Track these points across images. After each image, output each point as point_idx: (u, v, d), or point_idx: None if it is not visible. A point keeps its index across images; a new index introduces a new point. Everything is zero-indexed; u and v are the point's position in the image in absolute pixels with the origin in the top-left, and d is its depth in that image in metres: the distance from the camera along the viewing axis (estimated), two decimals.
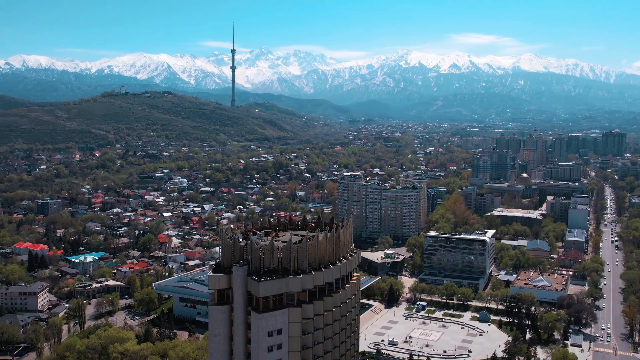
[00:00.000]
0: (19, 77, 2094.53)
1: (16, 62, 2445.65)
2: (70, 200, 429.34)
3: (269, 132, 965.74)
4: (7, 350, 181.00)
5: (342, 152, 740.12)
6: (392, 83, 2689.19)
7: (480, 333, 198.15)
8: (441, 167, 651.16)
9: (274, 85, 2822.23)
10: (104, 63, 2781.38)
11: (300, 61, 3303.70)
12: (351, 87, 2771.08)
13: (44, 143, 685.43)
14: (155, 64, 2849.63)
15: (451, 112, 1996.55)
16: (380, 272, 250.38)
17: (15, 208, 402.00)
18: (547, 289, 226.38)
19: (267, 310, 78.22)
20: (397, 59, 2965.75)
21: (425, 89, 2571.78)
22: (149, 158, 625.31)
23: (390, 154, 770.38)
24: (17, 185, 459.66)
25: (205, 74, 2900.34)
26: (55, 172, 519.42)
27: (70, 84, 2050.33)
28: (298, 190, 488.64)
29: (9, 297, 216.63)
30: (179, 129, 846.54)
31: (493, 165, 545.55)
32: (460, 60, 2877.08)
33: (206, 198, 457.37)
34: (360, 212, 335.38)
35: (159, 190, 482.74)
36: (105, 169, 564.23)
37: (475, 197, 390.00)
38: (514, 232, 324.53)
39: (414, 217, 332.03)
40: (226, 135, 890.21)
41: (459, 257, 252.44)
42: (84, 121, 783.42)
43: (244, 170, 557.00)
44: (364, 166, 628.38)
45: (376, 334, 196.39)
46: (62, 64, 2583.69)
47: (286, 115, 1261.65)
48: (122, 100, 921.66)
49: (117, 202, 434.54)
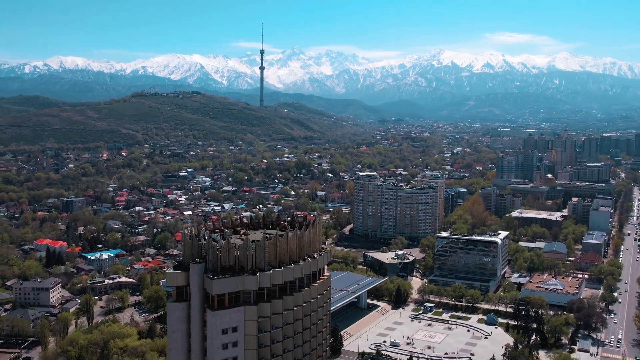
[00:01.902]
0: (56, 78, 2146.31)
1: (54, 64, 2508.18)
2: (95, 199, 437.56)
3: (295, 132, 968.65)
4: (16, 344, 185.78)
5: (367, 152, 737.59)
6: (424, 83, 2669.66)
7: (486, 336, 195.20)
8: (467, 167, 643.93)
9: (306, 85, 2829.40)
10: (139, 64, 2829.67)
11: (332, 61, 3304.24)
12: (383, 87, 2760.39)
13: (74, 142, 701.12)
14: (189, 64, 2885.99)
15: (483, 112, 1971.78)
16: (390, 272, 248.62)
17: (41, 206, 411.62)
18: (558, 292, 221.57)
19: (222, 307, 78.57)
20: (429, 59, 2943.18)
21: (458, 88, 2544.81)
22: (175, 157, 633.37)
23: (417, 154, 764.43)
24: (45, 184, 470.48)
25: (238, 74, 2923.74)
26: (82, 171, 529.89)
27: (105, 85, 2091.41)
28: (319, 190, 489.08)
29: (23, 292, 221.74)
30: (206, 129, 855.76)
31: (518, 166, 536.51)
32: (494, 60, 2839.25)
33: (227, 197, 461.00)
34: (375, 212, 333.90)
35: (182, 190, 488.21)
36: (131, 168, 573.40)
37: (496, 198, 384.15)
38: (532, 234, 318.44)
39: (429, 218, 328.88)
40: (253, 135, 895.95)
41: (470, 259, 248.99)
42: (114, 121, 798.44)
43: (266, 169, 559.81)
44: (388, 166, 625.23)
45: (379, 334, 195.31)
46: (98, 65, 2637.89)
47: (315, 115, 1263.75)
48: (151, 100, 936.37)
49: (140, 201, 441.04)
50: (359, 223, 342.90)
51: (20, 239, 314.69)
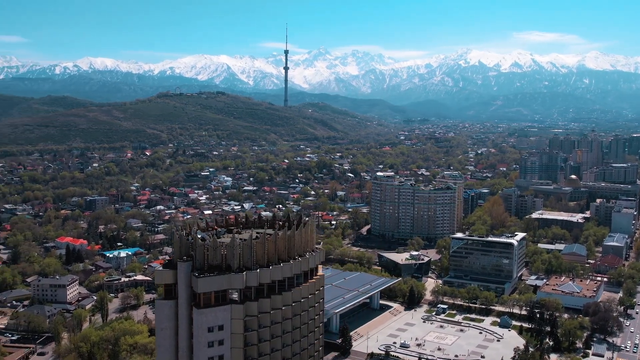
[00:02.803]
0: (86, 78, 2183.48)
1: (83, 64, 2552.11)
2: (118, 198, 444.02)
3: (319, 132, 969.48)
4: (32, 339, 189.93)
5: (389, 152, 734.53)
6: (450, 82, 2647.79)
7: (498, 338, 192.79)
8: (491, 168, 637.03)
9: (331, 85, 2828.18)
10: (166, 65, 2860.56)
11: (358, 61, 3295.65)
12: (409, 86, 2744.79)
13: (100, 142, 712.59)
14: (215, 65, 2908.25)
15: (511, 112, 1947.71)
16: (404, 273, 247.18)
17: (65, 204, 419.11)
18: (575, 295, 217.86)
19: (207, 306, 79.10)
20: (456, 58, 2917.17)
21: (485, 88, 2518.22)
22: (198, 157, 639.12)
23: (440, 154, 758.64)
24: (69, 183, 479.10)
25: (264, 74, 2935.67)
26: (106, 171, 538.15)
27: (133, 85, 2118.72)
28: (339, 190, 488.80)
29: (41, 288, 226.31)
30: (230, 129, 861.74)
31: (542, 167, 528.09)
32: (522, 59, 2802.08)
33: (248, 197, 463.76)
34: (393, 212, 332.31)
35: (203, 189, 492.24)
36: (154, 167, 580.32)
37: (516, 199, 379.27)
38: (552, 236, 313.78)
39: (447, 219, 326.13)
40: (277, 135, 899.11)
41: (485, 260, 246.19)
42: (139, 121, 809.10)
43: (287, 169, 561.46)
44: (410, 166, 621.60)
45: (390, 335, 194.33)
46: (127, 66, 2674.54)
47: (339, 115, 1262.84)
48: (176, 100, 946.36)
49: (161, 200, 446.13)
50: (376, 223, 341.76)
51: (42, 236, 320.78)
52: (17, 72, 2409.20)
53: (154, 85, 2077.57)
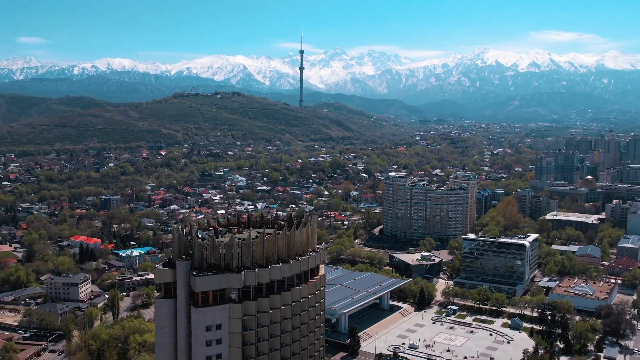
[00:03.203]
0: (104, 79, 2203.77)
1: (102, 65, 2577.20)
2: (133, 197, 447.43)
3: (334, 132, 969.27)
4: (44, 336, 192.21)
5: (404, 153, 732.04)
6: (467, 82, 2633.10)
7: (508, 340, 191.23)
8: (506, 168, 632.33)
9: (347, 85, 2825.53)
10: (183, 65, 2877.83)
11: (374, 61, 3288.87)
12: (425, 86, 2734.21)
13: (116, 142, 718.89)
14: (232, 65, 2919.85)
15: (528, 112, 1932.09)
16: (415, 274, 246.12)
17: (80, 203, 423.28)
18: (587, 297, 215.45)
19: (206, 305, 79.45)
20: (473, 58, 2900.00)
21: (502, 88, 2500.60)
22: (212, 157, 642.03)
23: (455, 154, 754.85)
24: (85, 182, 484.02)
25: (280, 74, 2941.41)
26: (121, 170, 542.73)
27: (151, 86, 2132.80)
28: (352, 190, 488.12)
29: (54, 286, 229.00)
30: (245, 129, 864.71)
31: (558, 167, 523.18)
32: (539, 59, 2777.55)
33: (261, 197, 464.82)
34: (405, 213, 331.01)
35: (217, 189, 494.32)
36: (169, 167, 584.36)
37: (531, 200, 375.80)
38: (566, 237, 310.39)
39: (460, 219, 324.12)
40: (291, 135, 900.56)
41: (497, 261, 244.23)
42: (155, 121, 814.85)
43: (301, 169, 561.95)
44: (424, 167, 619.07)
45: (399, 336, 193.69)
46: (144, 66, 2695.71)
47: (354, 116, 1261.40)
48: (192, 100, 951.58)
49: (175, 200, 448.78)
50: (388, 224, 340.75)
51: (57, 235, 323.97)
52: (37, 73, 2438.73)
53: (171, 86, 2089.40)
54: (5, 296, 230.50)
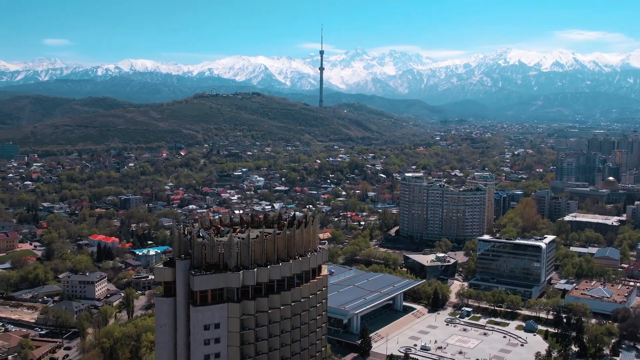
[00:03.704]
0: (126, 80, 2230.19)
1: (125, 66, 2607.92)
2: (152, 197, 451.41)
3: (353, 132, 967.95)
4: (59, 334, 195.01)
5: (423, 153, 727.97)
6: (489, 82, 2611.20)
7: (522, 343, 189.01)
8: (527, 169, 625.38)
9: (368, 85, 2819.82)
10: (205, 66, 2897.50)
11: (395, 61, 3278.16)
12: (447, 86, 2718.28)
13: (137, 142, 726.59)
14: (253, 66, 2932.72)
15: (552, 112, 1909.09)
16: (430, 275, 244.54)
17: (100, 203, 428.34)
18: (604, 300, 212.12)
19: (204, 304, 79.86)
20: (495, 58, 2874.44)
21: (525, 88, 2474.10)
22: (231, 157, 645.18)
23: (475, 155, 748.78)
24: (105, 182, 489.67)
25: (301, 75, 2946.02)
26: (141, 170, 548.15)
27: (172, 86, 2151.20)
28: (370, 190, 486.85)
29: (71, 284, 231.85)
30: (264, 129, 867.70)
31: (580, 168, 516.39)
32: (563, 58, 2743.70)
33: (279, 197, 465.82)
34: (421, 213, 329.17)
35: (236, 189, 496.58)
36: (188, 167, 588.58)
37: (550, 201, 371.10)
38: (585, 239, 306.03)
39: (477, 220, 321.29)
40: (311, 136, 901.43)
41: (512, 263, 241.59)
42: (176, 121, 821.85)
43: (319, 170, 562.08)
44: (443, 167, 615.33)
45: (411, 337, 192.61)
46: (166, 67, 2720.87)
47: (375, 116, 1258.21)
48: (212, 101, 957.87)
49: (194, 199, 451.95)
50: (404, 224, 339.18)
51: (77, 234, 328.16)
52: (61, 74, 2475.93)
53: (193, 87, 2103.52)
54: (23, 293, 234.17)
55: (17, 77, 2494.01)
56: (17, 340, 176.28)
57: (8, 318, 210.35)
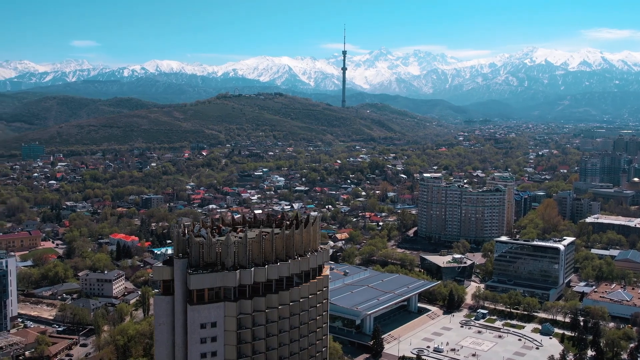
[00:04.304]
0: (152, 80, 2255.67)
1: (150, 67, 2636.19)
2: (174, 196, 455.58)
3: (375, 132, 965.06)
4: (76, 331, 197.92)
5: (445, 154, 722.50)
6: (515, 82, 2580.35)
7: (537, 346, 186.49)
8: (551, 170, 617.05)
9: (392, 85, 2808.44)
10: (230, 67, 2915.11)
11: (419, 61, 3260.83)
12: (471, 86, 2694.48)
13: (160, 142, 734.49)
14: (277, 66, 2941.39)
15: (578, 112, 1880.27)
16: (446, 276, 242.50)
17: (122, 202, 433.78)
18: (623, 303, 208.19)
19: (201, 302, 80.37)
20: (521, 57, 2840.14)
21: (551, 87, 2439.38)
22: (253, 157, 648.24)
23: (499, 155, 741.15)
24: (128, 181, 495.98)
25: (325, 75, 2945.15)
26: (163, 170, 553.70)
27: (197, 87, 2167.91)
28: (390, 191, 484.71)
29: (89, 282, 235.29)
30: (286, 130, 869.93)
31: (604, 169, 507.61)
32: (591, 57, 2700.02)
33: (299, 197, 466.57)
34: (439, 214, 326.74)
35: (256, 189, 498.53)
36: (210, 167, 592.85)
37: (571, 203, 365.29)
38: (607, 241, 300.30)
39: (496, 221, 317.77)
40: (333, 136, 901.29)
41: (530, 265, 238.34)
42: (199, 122, 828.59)
43: (339, 170, 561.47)
44: (465, 168, 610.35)
45: (424, 339, 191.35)
46: (191, 68, 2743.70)
47: (398, 116, 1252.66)
48: (235, 101, 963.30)
49: (214, 199, 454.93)
50: (422, 225, 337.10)
51: (98, 233, 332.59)
52: (88, 75, 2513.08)
53: (217, 87, 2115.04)
54: (43, 291, 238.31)
55: (46, 79, 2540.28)
56: (34, 337, 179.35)
57: (28, 315, 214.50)
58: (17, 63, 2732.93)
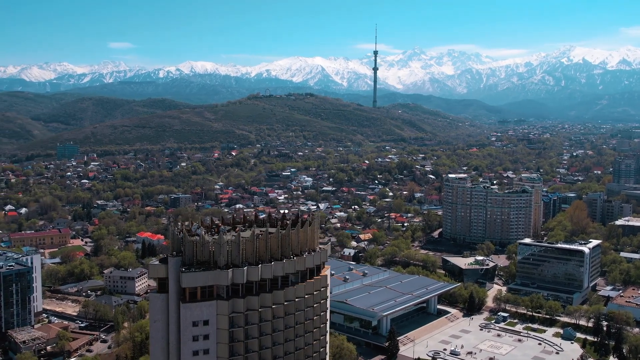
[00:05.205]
0: (186, 81, 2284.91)
1: (185, 68, 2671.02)
2: (202, 196, 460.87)
3: (406, 132, 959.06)
4: (97, 327, 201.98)
5: (476, 154, 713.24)
6: (551, 81, 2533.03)
7: (558, 351, 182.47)
8: (585, 171, 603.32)
9: (425, 85, 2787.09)
10: (263, 67, 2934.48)
11: (453, 61, 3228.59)
12: (506, 86, 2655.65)
13: (191, 142, 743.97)
14: (310, 67, 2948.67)
15: (617, 112, 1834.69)
16: (467, 278, 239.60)
17: (151, 201, 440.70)
18: None
19: (193, 300, 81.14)
20: (558, 56, 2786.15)
21: (589, 87, 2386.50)
22: (282, 157, 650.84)
23: (531, 156, 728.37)
24: (158, 181, 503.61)
25: (358, 75, 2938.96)
26: (192, 170, 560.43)
27: (231, 88, 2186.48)
28: (417, 191, 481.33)
29: (112, 280, 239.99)
30: (317, 130, 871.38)
31: (639, 170, 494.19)
32: (631, 56, 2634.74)
33: (325, 197, 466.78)
34: (464, 215, 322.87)
35: (284, 189, 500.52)
36: (239, 167, 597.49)
37: (602, 204, 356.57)
38: (637, 244, 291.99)
39: (522, 223, 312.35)
40: (363, 136, 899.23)
41: (553, 268, 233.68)
42: (229, 122, 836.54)
43: (367, 170, 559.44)
44: (496, 168, 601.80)
45: (442, 342, 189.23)
46: (225, 69, 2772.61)
47: (429, 116, 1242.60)
48: (265, 102, 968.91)
49: (241, 199, 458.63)
50: (447, 226, 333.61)
51: (126, 231, 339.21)
52: (125, 77, 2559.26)
53: (250, 88, 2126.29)
54: (69, 287, 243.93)
55: (84, 80, 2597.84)
56: (55, 332, 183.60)
57: (53, 310, 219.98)
58: (56, 65, 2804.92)
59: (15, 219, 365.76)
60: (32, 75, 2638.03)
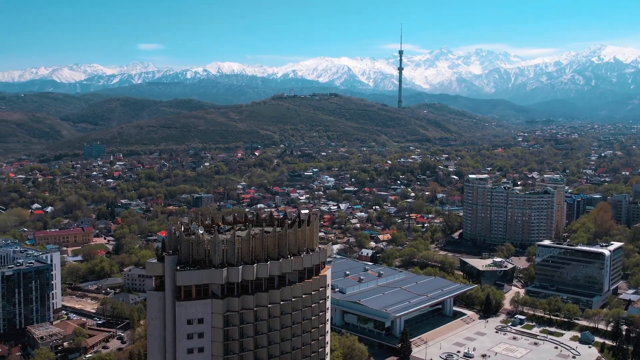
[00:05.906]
0: (213, 82, 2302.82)
1: (212, 69, 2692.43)
2: (224, 195, 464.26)
3: (431, 133, 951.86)
4: (114, 324, 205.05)
5: (501, 154, 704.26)
6: (581, 81, 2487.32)
7: (574, 355, 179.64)
8: (612, 172, 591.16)
9: (452, 85, 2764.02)
10: (289, 68, 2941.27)
11: (481, 60, 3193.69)
12: (535, 85, 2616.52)
13: (216, 142, 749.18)
14: (336, 67, 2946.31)
15: None
16: (485, 280, 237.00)
17: (174, 201, 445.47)
18: None
19: (188, 298, 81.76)
20: (588, 55, 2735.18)
21: (620, 86, 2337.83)
22: (305, 158, 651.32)
23: (558, 156, 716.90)
24: (181, 181, 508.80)
25: (384, 75, 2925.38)
26: (215, 169, 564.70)
27: (257, 88, 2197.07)
28: (440, 192, 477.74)
29: (130, 277, 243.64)
30: (340, 130, 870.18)
31: None
32: None
33: (347, 197, 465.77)
34: (485, 216, 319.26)
35: (306, 189, 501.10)
36: (262, 167, 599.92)
37: (627, 206, 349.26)
38: None
39: (544, 225, 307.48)
40: (387, 136, 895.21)
41: (573, 271, 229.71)
42: (254, 122, 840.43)
43: (389, 170, 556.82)
44: (521, 169, 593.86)
45: (456, 344, 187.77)
46: (252, 70, 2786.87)
47: (455, 116, 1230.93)
48: (290, 102, 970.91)
49: (263, 198, 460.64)
50: (467, 227, 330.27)
51: (147, 230, 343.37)
52: (153, 77, 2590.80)
53: (277, 88, 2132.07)
54: (89, 285, 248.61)
55: (113, 81, 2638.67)
56: (72, 329, 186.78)
57: (72, 307, 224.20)
58: (86, 66, 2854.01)
59: (41, 217, 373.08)
60: (63, 76, 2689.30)
